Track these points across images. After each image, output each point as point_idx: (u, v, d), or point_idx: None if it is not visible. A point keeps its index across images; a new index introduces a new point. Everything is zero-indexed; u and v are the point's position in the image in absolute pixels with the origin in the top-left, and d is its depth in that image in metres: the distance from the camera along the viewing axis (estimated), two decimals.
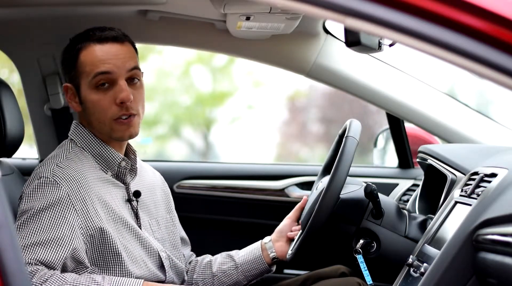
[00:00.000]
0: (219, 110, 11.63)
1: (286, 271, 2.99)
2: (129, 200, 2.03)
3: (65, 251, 1.82)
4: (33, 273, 1.75)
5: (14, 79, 7.20)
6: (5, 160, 2.27)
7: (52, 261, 1.80)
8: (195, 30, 2.72)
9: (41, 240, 1.80)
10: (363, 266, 2.07)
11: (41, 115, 2.85)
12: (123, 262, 1.93)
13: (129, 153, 2.08)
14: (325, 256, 2.29)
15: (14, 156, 2.23)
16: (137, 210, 2.04)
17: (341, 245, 2.14)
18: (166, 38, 2.78)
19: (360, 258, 2.08)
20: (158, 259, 2.04)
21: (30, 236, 1.81)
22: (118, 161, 2.01)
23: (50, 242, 1.81)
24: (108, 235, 1.91)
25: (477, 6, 1.12)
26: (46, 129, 2.86)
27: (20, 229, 1.82)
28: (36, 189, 1.88)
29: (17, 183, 2.23)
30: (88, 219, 1.89)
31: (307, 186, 2.96)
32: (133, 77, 2.00)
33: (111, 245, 1.92)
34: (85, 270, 1.88)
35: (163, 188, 2.22)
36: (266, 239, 2.24)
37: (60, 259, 1.81)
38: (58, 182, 1.88)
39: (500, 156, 1.93)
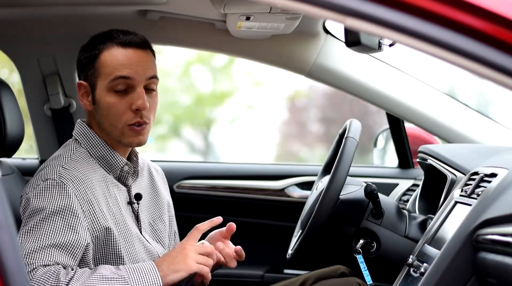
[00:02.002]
0: (219, 110, 11.62)
1: (286, 271, 2.99)
2: (130, 203, 2.03)
3: (80, 253, 1.84)
4: (57, 272, 1.75)
5: (14, 79, 7.19)
6: (5, 160, 2.27)
7: (69, 263, 1.81)
8: (195, 30, 2.72)
9: (56, 242, 1.80)
10: (363, 266, 2.07)
11: (41, 115, 2.85)
12: (124, 264, 1.92)
13: (132, 155, 2.08)
14: (325, 256, 2.28)
15: (14, 156, 2.23)
16: (138, 212, 2.04)
17: (341, 245, 2.14)
18: (166, 38, 2.78)
19: (360, 258, 2.08)
20: None
21: (45, 238, 1.81)
22: (121, 165, 2.00)
23: (67, 245, 1.81)
24: (112, 236, 1.91)
25: (477, 6, 1.12)
26: (46, 129, 2.87)
27: (33, 231, 1.82)
28: (44, 191, 1.87)
29: (17, 183, 2.23)
30: (94, 220, 1.89)
31: (307, 186, 2.96)
32: (150, 85, 1.99)
33: (115, 247, 1.92)
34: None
35: (162, 186, 2.22)
36: None
37: (76, 261, 1.83)
38: (66, 183, 1.87)
39: (500, 156, 1.93)
